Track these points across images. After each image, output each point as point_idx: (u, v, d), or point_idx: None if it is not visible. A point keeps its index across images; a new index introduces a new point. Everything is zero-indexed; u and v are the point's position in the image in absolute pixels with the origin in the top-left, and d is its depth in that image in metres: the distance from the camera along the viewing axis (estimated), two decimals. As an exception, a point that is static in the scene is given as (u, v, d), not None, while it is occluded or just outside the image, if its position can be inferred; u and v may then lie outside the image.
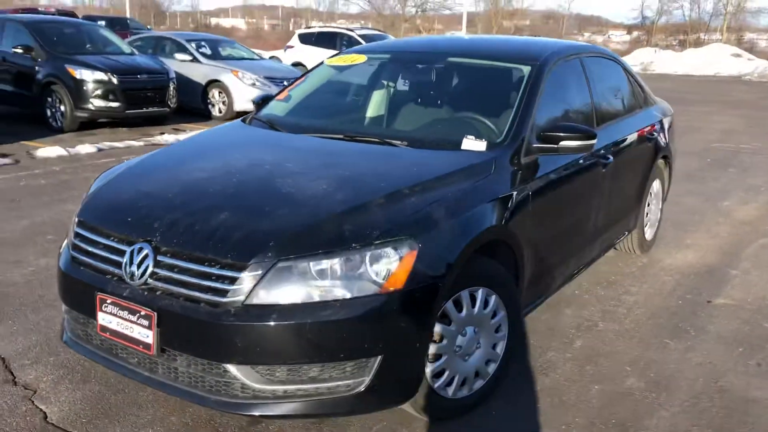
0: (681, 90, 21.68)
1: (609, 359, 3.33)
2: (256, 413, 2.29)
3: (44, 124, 9.96)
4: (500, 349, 2.84)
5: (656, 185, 4.91)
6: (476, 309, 2.67)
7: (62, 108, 9.81)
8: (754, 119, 14.00)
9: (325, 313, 2.21)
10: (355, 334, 2.24)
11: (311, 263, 2.25)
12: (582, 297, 4.12)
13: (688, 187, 7.37)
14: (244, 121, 3.65)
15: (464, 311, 2.63)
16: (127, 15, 40.81)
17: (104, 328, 2.45)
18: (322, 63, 4.07)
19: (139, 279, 2.37)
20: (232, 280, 2.24)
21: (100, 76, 9.78)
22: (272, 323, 2.19)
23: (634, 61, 37.60)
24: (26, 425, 2.60)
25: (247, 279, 2.22)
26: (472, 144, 3.00)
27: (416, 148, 3.06)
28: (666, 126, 5.04)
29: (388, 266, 2.29)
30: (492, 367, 2.82)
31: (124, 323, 2.38)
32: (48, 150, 8.08)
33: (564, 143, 3.06)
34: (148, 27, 33.03)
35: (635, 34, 59.39)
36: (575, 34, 64.07)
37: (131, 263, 2.40)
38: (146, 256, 2.38)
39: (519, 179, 2.95)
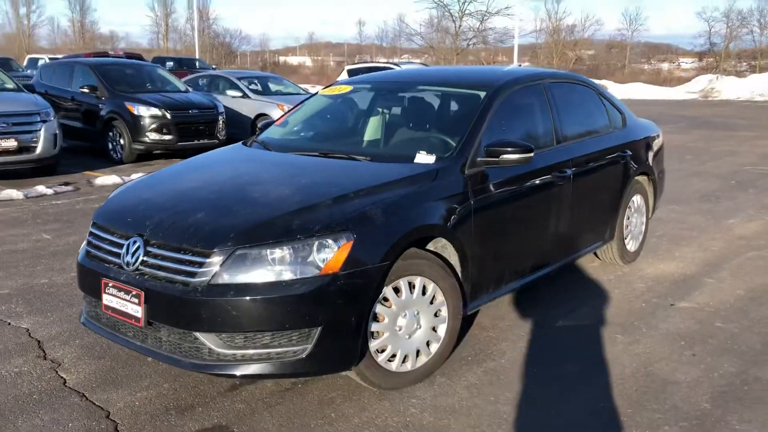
0: (734, 116, 21.46)
1: (556, 350, 3.72)
2: (219, 372, 2.83)
3: (106, 156, 10.97)
4: (441, 331, 3.30)
5: (637, 200, 5.27)
6: (414, 295, 3.15)
7: (122, 141, 10.80)
8: (798, 143, 13.89)
9: (274, 291, 2.75)
10: (298, 308, 2.77)
11: (263, 251, 2.79)
12: (552, 299, 4.51)
13: (700, 206, 7.61)
14: (245, 143, 4.27)
15: (403, 296, 3.12)
16: (196, 56, 43.16)
17: (107, 307, 3.06)
18: (317, 93, 4.68)
19: (132, 266, 2.97)
20: (200, 264, 2.81)
21: (155, 111, 10.72)
22: (231, 299, 2.74)
23: (694, 87, 37.18)
24: (49, 387, 3.21)
25: (211, 263, 2.79)
26: (423, 158, 3.51)
27: (376, 161, 3.59)
28: (650, 145, 5.41)
29: (327, 254, 2.82)
30: (434, 347, 3.29)
31: (121, 302, 2.98)
32: (105, 178, 8.98)
33: (504, 156, 3.54)
34: (213, 67, 34.79)
35: (705, 61, 58.40)
36: (642, 62, 63.43)
37: (127, 254, 3.01)
38: (138, 247, 2.99)
39: (462, 187, 3.43)
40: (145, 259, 2.96)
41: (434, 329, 3.29)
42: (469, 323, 4.04)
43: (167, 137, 10.80)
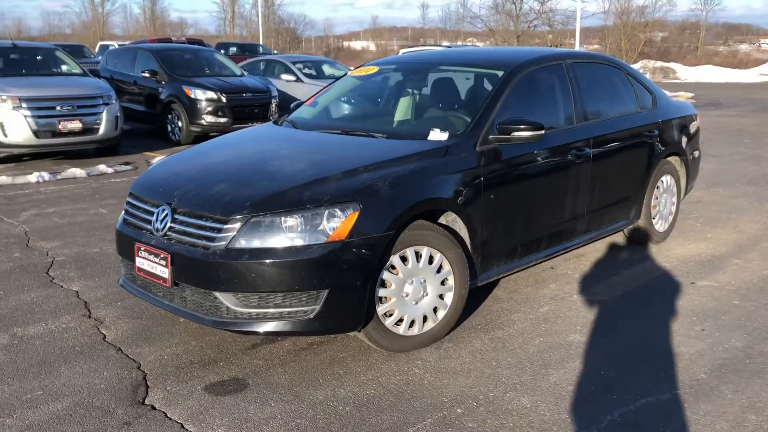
0: (805, 98, 20.60)
1: (566, 321, 3.85)
2: (236, 329, 3.10)
3: (166, 138, 11.49)
4: (448, 299, 3.48)
5: (667, 180, 5.29)
6: (421, 264, 3.34)
7: (179, 124, 11.28)
8: None
9: (285, 255, 2.99)
10: (307, 271, 3.00)
11: (276, 218, 3.03)
12: (572, 275, 4.62)
13: (745, 189, 7.49)
14: (276, 122, 4.53)
15: (410, 264, 3.31)
16: (260, 41, 44.02)
17: (140, 269, 3.37)
18: (346, 74, 4.89)
19: (161, 231, 3.26)
20: (219, 230, 3.07)
21: (211, 95, 11.15)
22: (246, 261, 2.99)
23: (766, 70, 35.68)
24: (90, 342, 3.56)
25: (228, 229, 3.05)
26: (436, 135, 3.68)
27: (392, 138, 3.78)
28: (682, 125, 5.40)
29: (335, 222, 3.04)
30: (441, 314, 3.48)
31: (152, 264, 3.28)
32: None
33: (515, 134, 3.67)
34: (275, 52, 35.41)
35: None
36: (718, 44, 61.03)
37: (156, 220, 3.30)
38: (166, 215, 3.27)
39: (473, 163, 3.59)
40: (172, 225, 3.24)
41: (441, 297, 3.47)
42: (485, 295, 4.20)
43: (222, 120, 11.21)
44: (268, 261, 2.98)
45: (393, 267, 3.28)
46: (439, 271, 3.43)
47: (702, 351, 3.47)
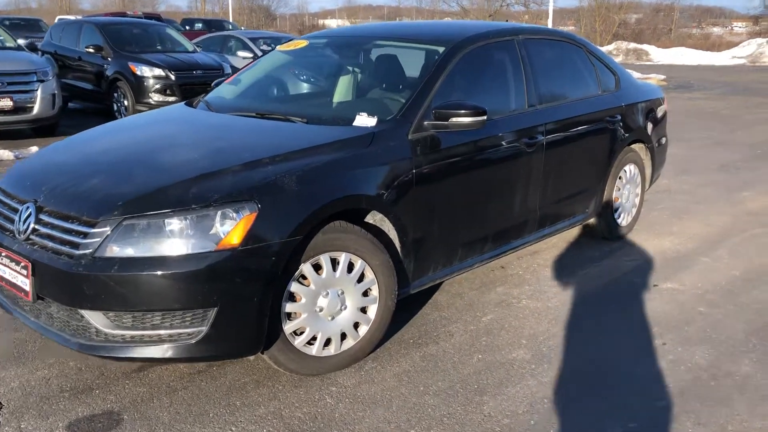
0: (776, 82, 20.41)
1: (510, 333, 3.38)
2: (106, 355, 2.57)
3: (112, 117, 10.79)
4: (372, 312, 2.99)
5: (630, 170, 4.83)
6: (338, 272, 2.84)
7: (126, 102, 10.60)
8: (840, 111, 13.05)
9: (163, 266, 2.46)
10: (190, 286, 2.47)
11: (154, 221, 2.50)
12: (523, 276, 4.15)
13: (715, 177, 7.10)
14: (189, 103, 3.96)
15: (324, 274, 2.81)
16: (230, 18, 42.83)
17: (1, 278, 2.81)
18: (274, 48, 4.34)
19: (23, 234, 2.71)
20: (85, 235, 2.53)
21: (158, 72, 10.47)
22: (114, 274, 2.46)
23: (742, 52, 35.56)
24: (-49, 362, 3.01)
25: (96, 234, 2.51)
26: (363, 120, 3.16)
27: (312, 123, 3.25)
28: (648, 110, 4.95)
29: (226, 226, 2.51)
30: (363, 330, 2.98)
31: (13, 273, 2.73)
32: (101, 140, 8.79)
33: (454, 120, 3.17)
34: (242, 28, 34.46)
35: (760, 25, 55.61)
36: (692, 26, 60.93)
37: (19, 221, 2.75)
38: (30, 214, 2.72)
39: (404, 153, 3.08)
40: (36, 227, 2.69)
41: (363, 310, 2.98)
42: (424, 300, 3.72)
43: (171, 98, 10.54)
44: (142, 273, 2.46)
45: (304, 277, 2.77)
46: (360, 280, 2.93)
47: (662, 371, 3.03)
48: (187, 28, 27.64)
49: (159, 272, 2.46)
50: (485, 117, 3.20)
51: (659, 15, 63.03)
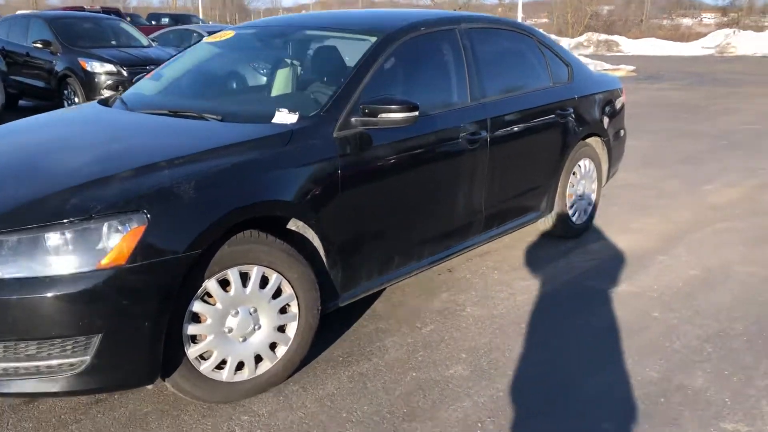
0: (745, 72, 20.47)
1: (450, 346, 3.12)
2: (-23, 389, 2.26)
3: (62, 115, 10.36)
4: (291, 331, 2.71)
5: (585, 165, 4.60)
6: (250, 288, 2.55)
7: (77, 100, 10.17)
8: (805, 100, 13.01)
9: (35, 289, 2.15)
10: (67, 311, 2.17)
11: (26, 237, 2.19)
12: (470, 281, 3.90)
13: (679, 169, 6.92)
14: (104, 101, 3.63)
15: (233, 290, 2.52)
16: (200, 13, 42.13)
17: None
18: (201, 40, 4.03)
19: None
20: (-57, 255, 2.21)
21: (110, 68, 10.07)
22: (-22, 298, 2.15)
23: (710, 43, 35.74)
24: None
25: None
26: (283, 116, 2.87)
27: (228, 121, 2.95)
28: (604, 102, 4.72)
29: (110, 241, 2.21)
30: (281, 351, 2.70)
31: None
32: (45, 140, 8.38)
33: (384, 116, 2.89)
34: (210, 23, 33.88)
35: (729, 16, 56.17)
36: (662, 17, 61.25)
37: None
38: None
39: (328, 153, 2.80)
40: None
41: (281, 329, 2.70)
42: (362, 310, 3.45)
43: (123, 95, 10.14)
44: (12, 298, 2.15)
45: (209, 295, 2.48)
46: (277, 295, 2.65)
47: (610, 386, 2.79)
48: (153, 23, 27.04)
49: (32, 295, 2.15)
50: (417, 113, 2.92)
51: (630, 6, 63.36)
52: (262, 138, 2.70)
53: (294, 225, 2.79)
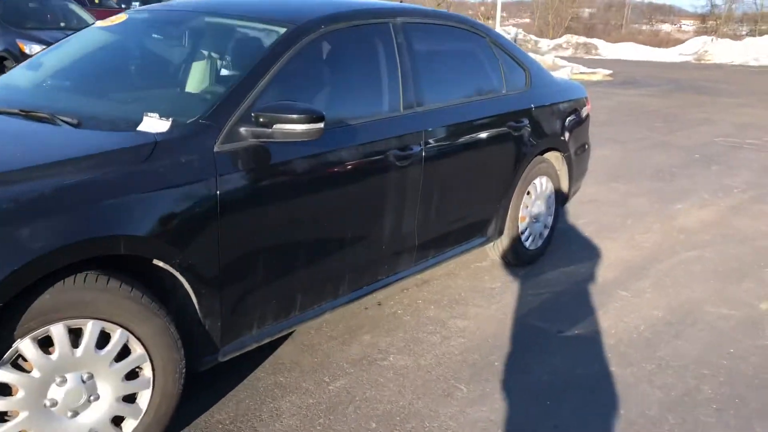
0: (722, 80, 20.18)
1: (360, 410, 2.56)
2: None
3: (-3, 101, 9.62)
4: (144, 401, 2.13)
5: (542, 184, 4.06)
6: (82, 349, 1.96)
7: (12, 85, 9.43)
8: (783, 111, 12.65)
9: None
10: None
11: None
12: (401, 318, 3.34)
13: (649, 185, 6.42)
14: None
15: (57, 352, 1.93)
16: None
17: None
18: (92, 24, 3.42)
19: None
20: None
21: (49, 51, 9.33)
22: None
23: (688, 50, 35.63)
24: None
25: None
26: (151, 123, 2.28)
27: (84, 127, 2.34)
28: (565, 112, 4.18)
29: None
30: (130, 426, 2.12)
31: None
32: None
33: (279, 127, 2.32)
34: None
35: (708, 24, 56.38)
36: (642, 23, 61.34)
37: None
38: None
39: (204, 172, 2.21)
40: None
41: (129, 399, 2.11)
42: (262, 357, 2.88)
43: (63, 82, 9.43)
44: None
45: (23, 359, 1.88)
46: (122, 357, 2.06)
47: (546, 474, 2.25)
48: (123, 6, 26.13)
49: None
50: (322, 124, 2.35)
51: (611, 10, 63.41)
52: (112, 152, 2.10)
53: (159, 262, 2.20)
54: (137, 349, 2.07)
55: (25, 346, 1.87)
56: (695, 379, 2.90)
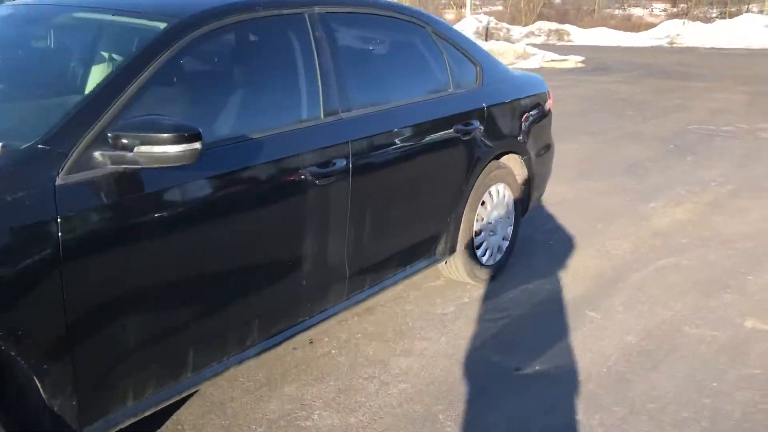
0: (694, 64, 19.89)
1: (268, 491, 2.08)
2: None
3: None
4: None
5: (499, 192, 3.60)
6: None
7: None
8: (759, 96, 12.32)
9: None
10: None
11: None
12: (334, 359, 2.87)
13: (622, 182, 5.99)
14: None
15: None
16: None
17: None
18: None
19: None
20: None
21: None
22: None
23: (660, 33, 35.44)
24: None
25: None
26: (-25, 152, 1.77)
27: None
28: (524, 111, 3.72)
29: None
30: None
31: None
32: None
33: (144, 149, 1.82)
34: None
35: (679, 7, 56.33)
36: (615, 7, 61.29)
37: None
38: None
39: (39, 213, 1.71)
40: None
41: None
42: (162, 418, 2.38)
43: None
44: None
45: None
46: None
47: None
48: None
49: None
50: (198, 144, 1.85)
51: (583, -5, 63.28)
52: None
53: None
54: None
55: None
56: (674, 427, 2.46)
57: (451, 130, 3.14)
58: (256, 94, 2.39)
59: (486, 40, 24.62)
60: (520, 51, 20.43)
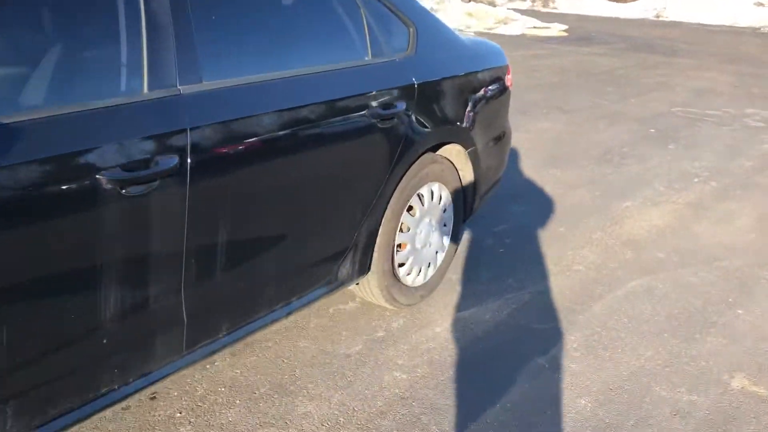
0: (680, 39, 19.10)
1: None
2: None
3: None
4: None
5: (434, 192, 2.78)
6: None
7: None
8: (746, 77, 11.59)
9: None
10: None
11: None
12: (177, 428, 2.06)
13: (594, 172, 5.22)
14: None
15: None
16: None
17: None
18: None
19: None
20: None
21: None
22: None
23: (645, 6, 34.58)
24: None
25: None
26: None
27: None
28: (474, 88, 2.89)
29: None
30: None
31: None
32: None
33: None
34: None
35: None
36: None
37: None
38: None
39: None
40: None
41: None
42: None
43: None
44: None
45: None
46: None
47: None
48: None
49: None
50: None
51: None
52: None
53: None
54: None
55: None
56: None
57: (363, 114, 2.30)
58: (26, 53, 1.52)
59: (467, 1, 23.50)
60: (501, 16, 19.46)
